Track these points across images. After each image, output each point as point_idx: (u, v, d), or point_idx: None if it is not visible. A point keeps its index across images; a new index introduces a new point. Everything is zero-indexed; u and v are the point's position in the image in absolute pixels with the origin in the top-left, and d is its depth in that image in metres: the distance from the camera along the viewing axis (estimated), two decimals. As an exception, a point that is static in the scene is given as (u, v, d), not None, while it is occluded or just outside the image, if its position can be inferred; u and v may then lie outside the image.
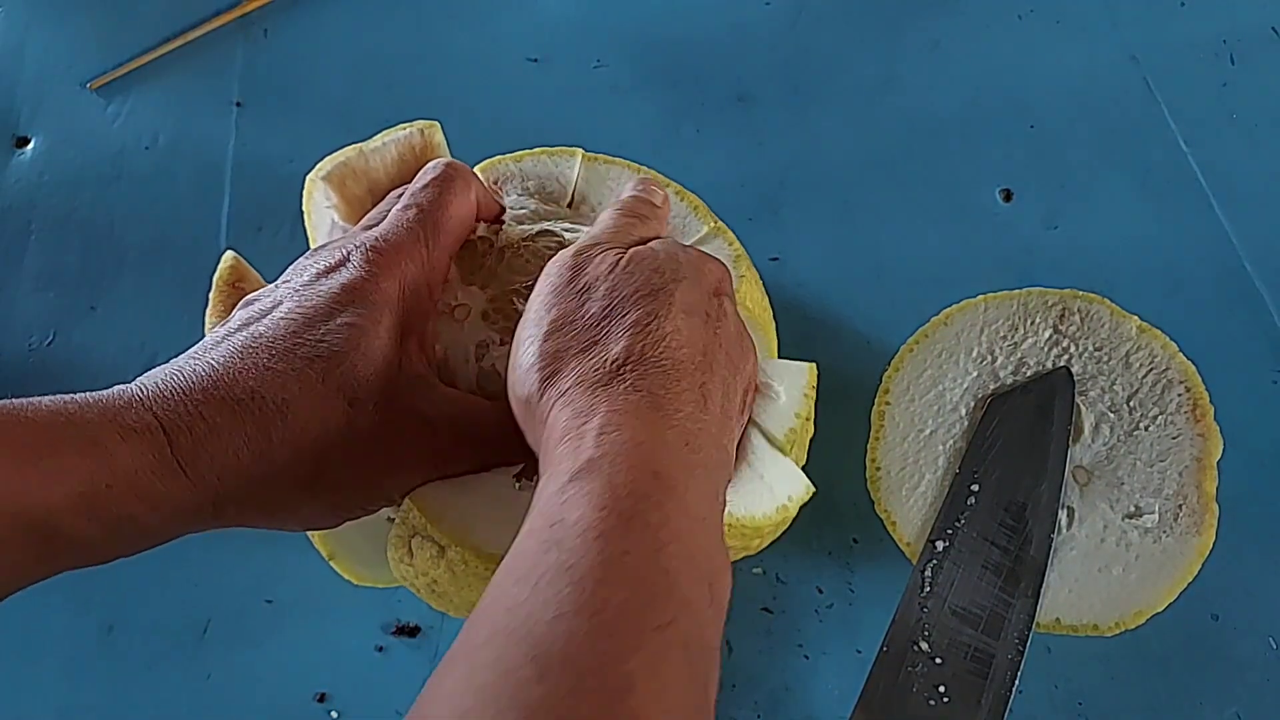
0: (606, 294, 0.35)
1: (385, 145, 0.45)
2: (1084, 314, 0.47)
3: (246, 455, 0.34)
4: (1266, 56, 0.64)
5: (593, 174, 0.46)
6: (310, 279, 0.37)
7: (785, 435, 0.40)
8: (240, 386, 0.34)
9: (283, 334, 0.35)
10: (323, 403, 0.35)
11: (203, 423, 0.33)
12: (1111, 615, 0.44)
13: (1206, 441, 0.45)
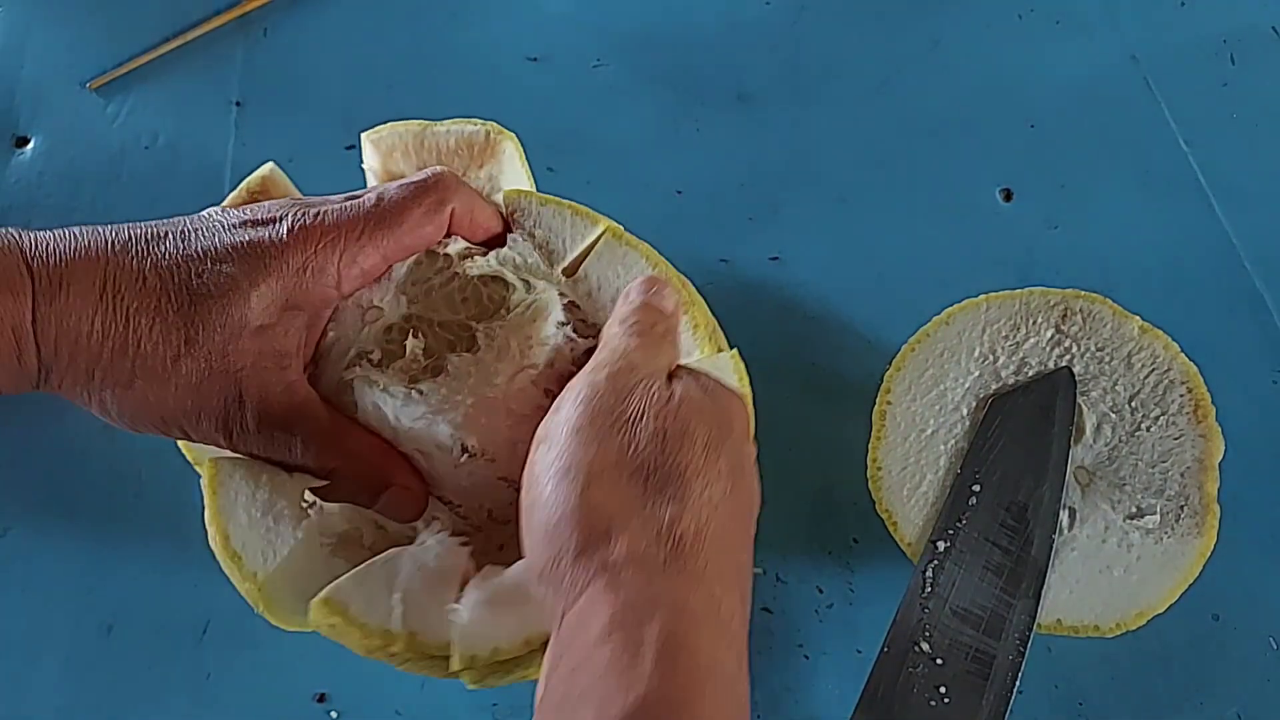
0: (659, 438, 0.33)
1: (448, 132, 0.45)
2: (1086, 314, 0.47)
3: (83, 341, 0.36)
4: (1266, 56, 0.64)
5: (608, 252, 0.42)
6: (236, 221, 0.38)
7: None
8: (109, 280, 0.36)
9: (173, 256, 0.37)
10: (163, 328, 0.36)
11: (64, 295, 0.35)
12: (1112, 616, 0.44)
13: (1208, 442, 0.45)
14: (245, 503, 0.39)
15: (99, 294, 0.36)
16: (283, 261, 0.37)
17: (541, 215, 0.42)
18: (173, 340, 0.36)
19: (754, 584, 0.50)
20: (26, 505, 0.54)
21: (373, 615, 0.36)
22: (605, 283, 0.41)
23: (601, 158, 0.62)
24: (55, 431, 0.56)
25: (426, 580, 0.37)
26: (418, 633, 0.36)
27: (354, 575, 0.37)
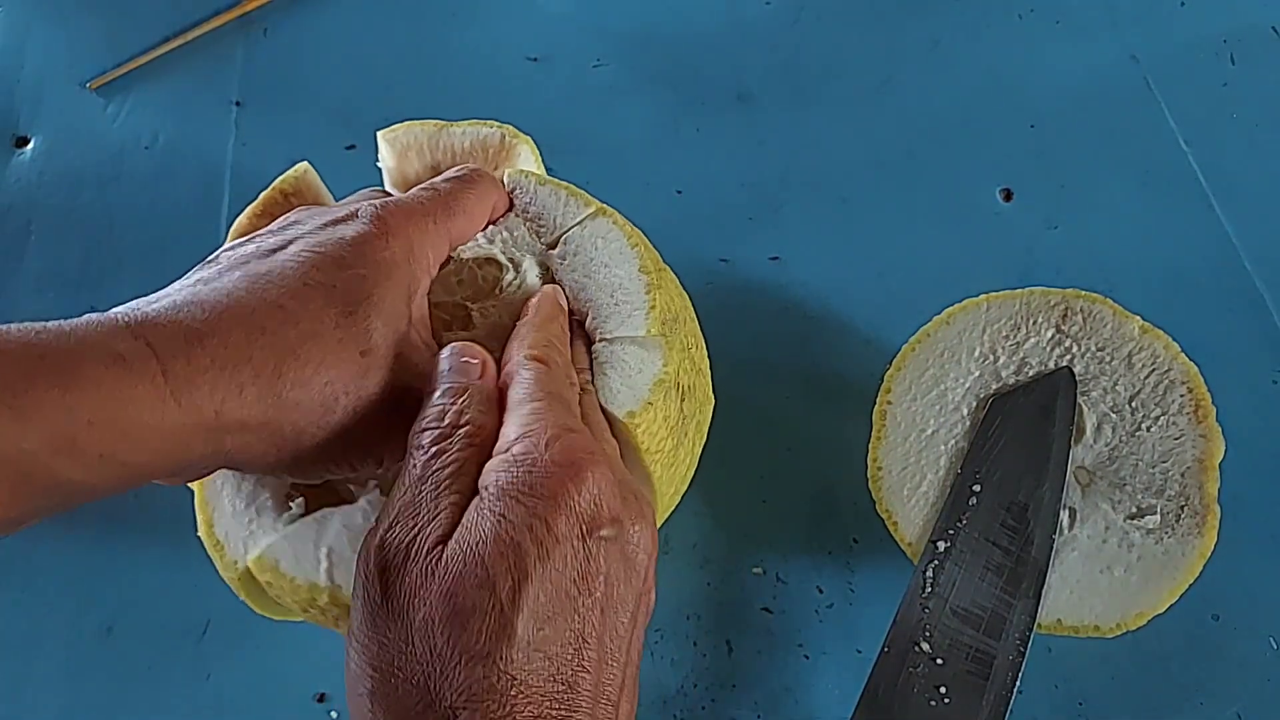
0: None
1: (463, 134, 0.45)
2: (1086, 314, 0.47)
3: (252, 391, 0.31)
4: (1266, 56, 0.64)
5: (593, 225, 0.42)
6: (318, 226, 0.35)
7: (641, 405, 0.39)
8: (250, 319, 0.31)
9: (295, 272, 0.33)
10: (338, 346, 0.33)
11: (203, 351, 0.30)
12: (1113, 616, 0.44)
13: (1208, 442, 0.45)
14: (230, 493, 0.40)
15: (243, 334, 0.31)
16: (388, 247, 0.35)
17: (538, 194, 0.43)
18: (354, 357, 0.33)
19: (754, 584, 0.50)
20: (26, 505, 0.54)
21: (301, 570, 0.37)
22: (582, 251, 0.42)
23: (601, 158, 0.62)
24: (55, 431, 0.56)
25: (352, 537, 0.38)
26: (341, 585, 0.37)
27: (287, 533, 0.38)
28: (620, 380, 0.39)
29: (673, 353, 0.39)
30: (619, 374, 0.39)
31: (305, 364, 0.32)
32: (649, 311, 0.40)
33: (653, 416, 0.38)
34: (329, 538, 0.38)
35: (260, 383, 0.31)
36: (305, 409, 0.32)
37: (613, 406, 0.38)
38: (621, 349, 0.39)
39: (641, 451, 0.38)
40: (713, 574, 0.50)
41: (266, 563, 0.38)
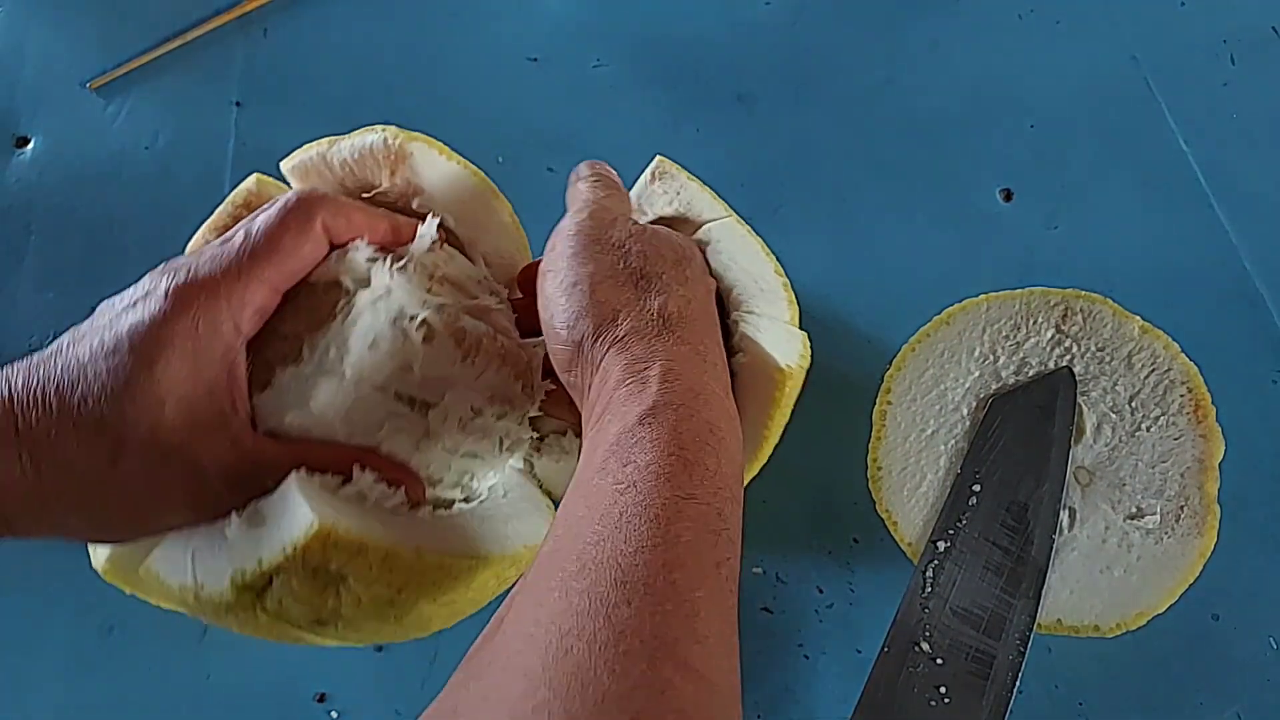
0: (641, 255, 0.40)
1: (351, 147, 0.44)
2: (1087, 314, 0.47)
3: (17, 481, 0.34)
4: (1266, 56, 0.64)
5: (732, 228, 0.46)
6: (119, 309, 0.37)
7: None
8: (19, 418, 0.35)
9: (70, 368, 0.36)
10: (89, 447, 0.35)
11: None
12: (1113, 616, 0.44)
13: (1208, 443, 0.45)
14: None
15: (12, 436, 0.34)
16: (171, 330, 0.36)
17: (687, 186, 0.47)
18: (104, 449, 0.35)
19: (754, 584, 0.50)
20: (26, 505, 0.54)
21: (174, 575, 0.38)
22: (725, 240, 0.46)
23: (601, 158, 0.62)
24: (55, 431, 0.56)
25: (212, 533, 0.38)
26: (204, 582, 0.37)
27: (163, 545, 0.39)
28: (774, 341, 0.42)
29: (805, 350, 0.43)
30: (773, 336, 0.42)
31: (59, 463, 0.35)
32: (789, 306, 0.44)
33: (795, 382, 0.42)
34: (195, 540, 0.38)
35: (23, 477, 0.34)
36: (64, 499, 0.35)
37: (775, 353, 0.41)
38: (772, 324, 0.43)
39: (775, 406, 0.41)
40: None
41: (152, 574, 0.39)
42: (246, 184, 0.44)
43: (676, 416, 0.34)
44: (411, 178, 0.44)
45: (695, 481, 0.32)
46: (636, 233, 0.41)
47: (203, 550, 0.38)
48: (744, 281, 0.44)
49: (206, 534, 0.38)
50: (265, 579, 0.36)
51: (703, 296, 0.41)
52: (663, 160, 0.48)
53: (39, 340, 0.59)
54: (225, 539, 0.37)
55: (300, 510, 0.36)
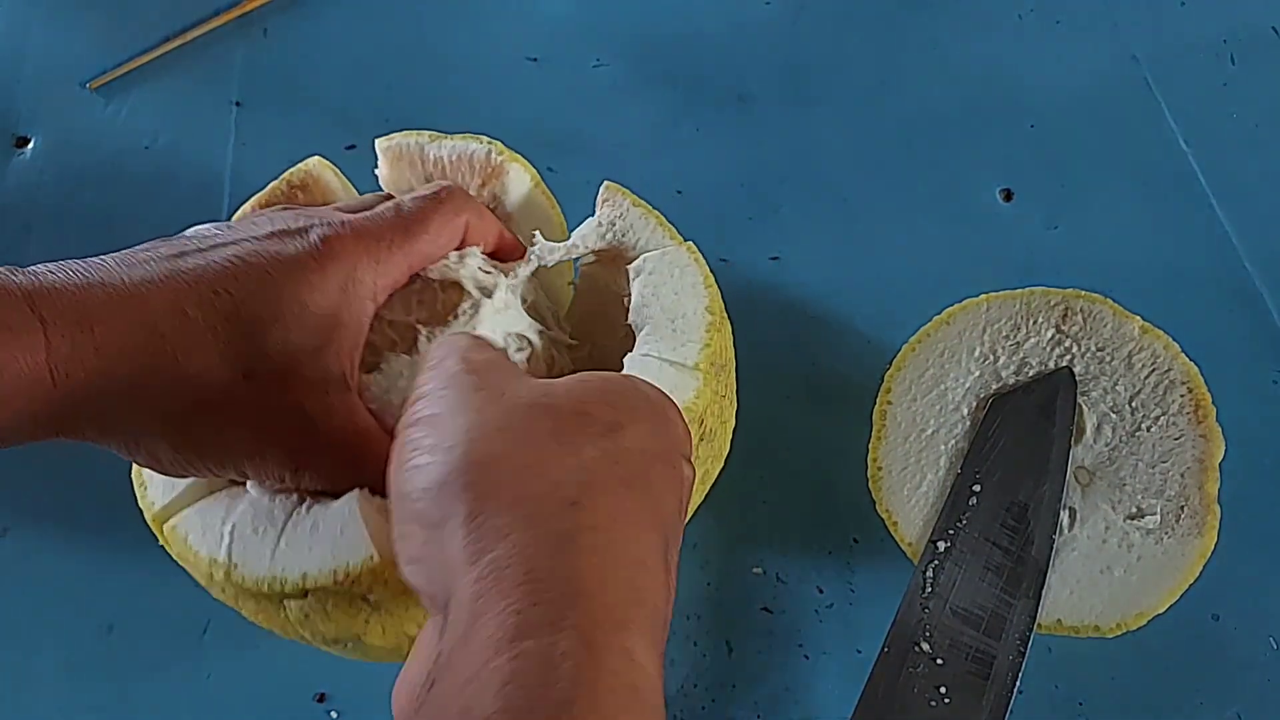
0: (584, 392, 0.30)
1: (451, 147, 0.45)
2: (1087, 314, 0.47)
3: (121, 384, 0.32)
4: (1266, 56, 0.64)
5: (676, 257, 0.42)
6: (264, 235, 0.35)
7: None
8: (145, 317, 0.32)
9: (210, 279, 0.33)
10: (218, 366, 0.33)
11: (89, 338, 0.31)
12: (1113, 616, 0.44)
13: (1208, 443, 0.45)
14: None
15: (134, 332, 0.32)
16: (324, 276, 0.34)
17: (629, 212, 0.44)
18: (228, 373, 0.33)
19: (754, 584, 0.50)
20: (26, 505, 0.54)
21: (204, 543, 0.38)
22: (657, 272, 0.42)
23: (601, 158, 0.62)
24: (55, 431, 0.56)
25: (254, 516, 0.37)
26: (238, 565, 0.37)
27: (199, 506, 0.39)
28: None
29: (707, 389, 0.40)
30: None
31: (179, 374, 0.33)
32: (702, 348, 0.40)
33: None
34: (235, 514, 0.38)
35: (132, 380, 0.32)
36: (166, 415, 0.33)
37: None
38: (660, 368, 0.39)
39: None
40: (713, 574, 0.50)
41: (176, 534, 0.39)
42: (306, 165, 0.45)
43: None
44: (500, 194, 0.45)
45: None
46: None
47: (244, 532, 0.37)
48: (658, 319, 0.41)
49: (249, 513, 0.38)
50: (303, 592, 0.36)
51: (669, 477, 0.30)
52: (609, 186, 0.44)
53: (39, 340, 0.59)
54: (271, 528, 0.37)
55: (360, 537, 0.35)
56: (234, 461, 0.35)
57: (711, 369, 0.40)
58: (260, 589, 0.36)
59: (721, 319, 0.42)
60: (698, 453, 0.40)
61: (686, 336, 0.40)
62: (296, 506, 0.37)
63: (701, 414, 0.39)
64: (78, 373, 0.31)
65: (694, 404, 0.39)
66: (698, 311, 0.41)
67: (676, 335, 0.40)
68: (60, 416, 0.32)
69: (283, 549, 0.36)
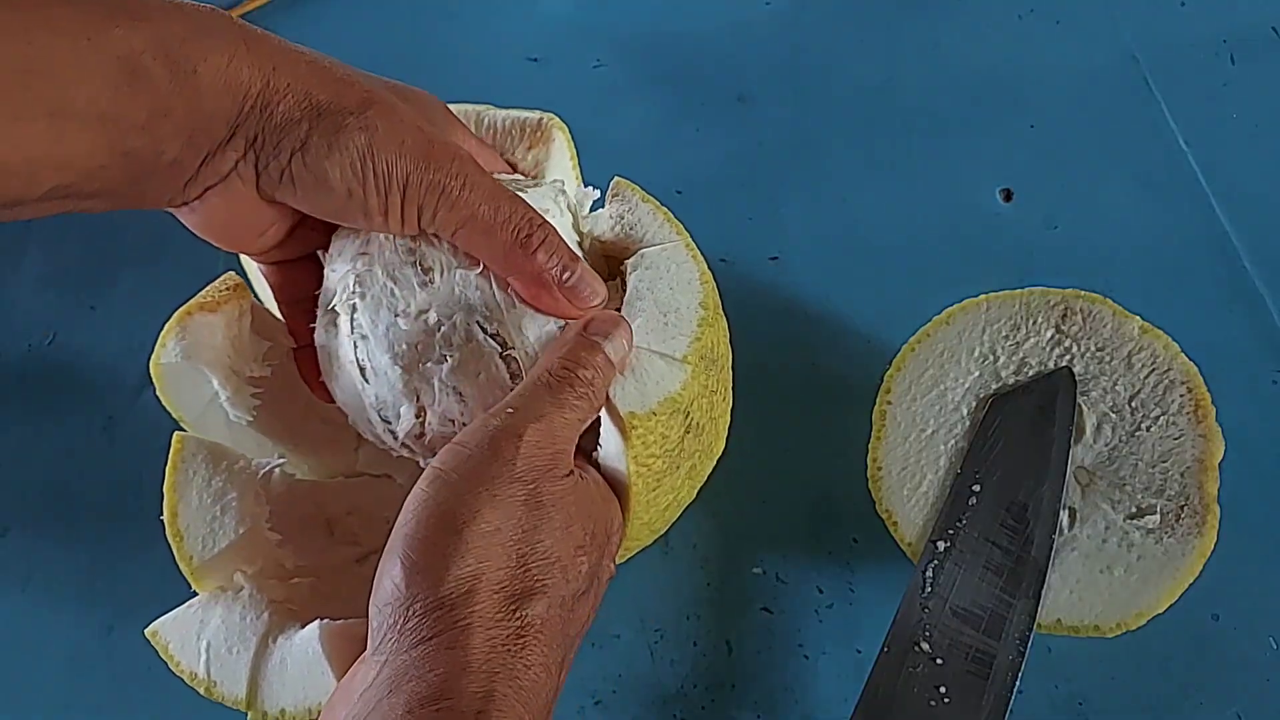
0: (537, 519, 0.34)
1: (506, 116, 0.48)
2: (1086, 314, 0.47)
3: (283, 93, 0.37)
4: (1266, 56, 0.64)
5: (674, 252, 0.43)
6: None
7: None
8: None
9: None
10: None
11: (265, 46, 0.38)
12: (1113, 616, 0.44)
13: (1208, 442, 0.45)
14: (200, 485, 0.43)
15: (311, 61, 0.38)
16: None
17: (638, 207, 0.45)
18: (392, 93, 0.38)
19: (754, 584, 0.50)
20: (26, 505, 0.54)
21: (185, 656, 0.42)
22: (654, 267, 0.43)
23: (601, 158, 0.62)
24: (55, 431, 0.56)
25: (228, 634, 0.41)
26: (217, 682, 0.41)
27: (176, 614, 0.42)
28: (635, 384, 0.39)
29: (695, 382, 0.40)
30: (636, 379, 0.39)
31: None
32: (693, 341, 0.41)
33: (652, 426, 0.38)
34: (209, 631, 0.42)
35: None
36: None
37: (617, 401, 0.38)
38: (649, 359, 0.40)
39: (629, 458, 0.38)
40: (713, 574, 0.50)
41: (159, 640, 0.42)
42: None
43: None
44: (542, 160, 0.48)
45: None
46: (557, 487, 0.35)
47: (219, 650, 0.41)
48: (650, 312, 0.41)
49: (222, 631, 0.41)
50: (280, 714, 0.40)
51: (587, 599, 0.36)
52: (619, 181, 0.46)
53: (39, 340, 0.59)
54: (244, 650, 0.41)
55: (325, 674, 0.40)
56: (401, 166, 0.36)
57: (701, 362, 0.40)
58: (241, 706, 0.40)
59: (715, 314, 0.43)
60: (683, 445, 0.40)
61: (677, 330, 0.41)
62: (267, 630, 0.41)
63: (688, 406, 0.40)
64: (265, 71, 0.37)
65: (679, 395, 0.39)
66: (691, 306, 0.41)
67: (668, 329, 0.41)
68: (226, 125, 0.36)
69: (258, 681, 0.40)
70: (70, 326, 0.59)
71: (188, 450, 0.44)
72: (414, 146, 0.36)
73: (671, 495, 0.42)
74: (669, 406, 0.39)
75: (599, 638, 0.49)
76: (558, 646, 0.33)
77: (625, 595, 0.47)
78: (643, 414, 0.38)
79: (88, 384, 0.57)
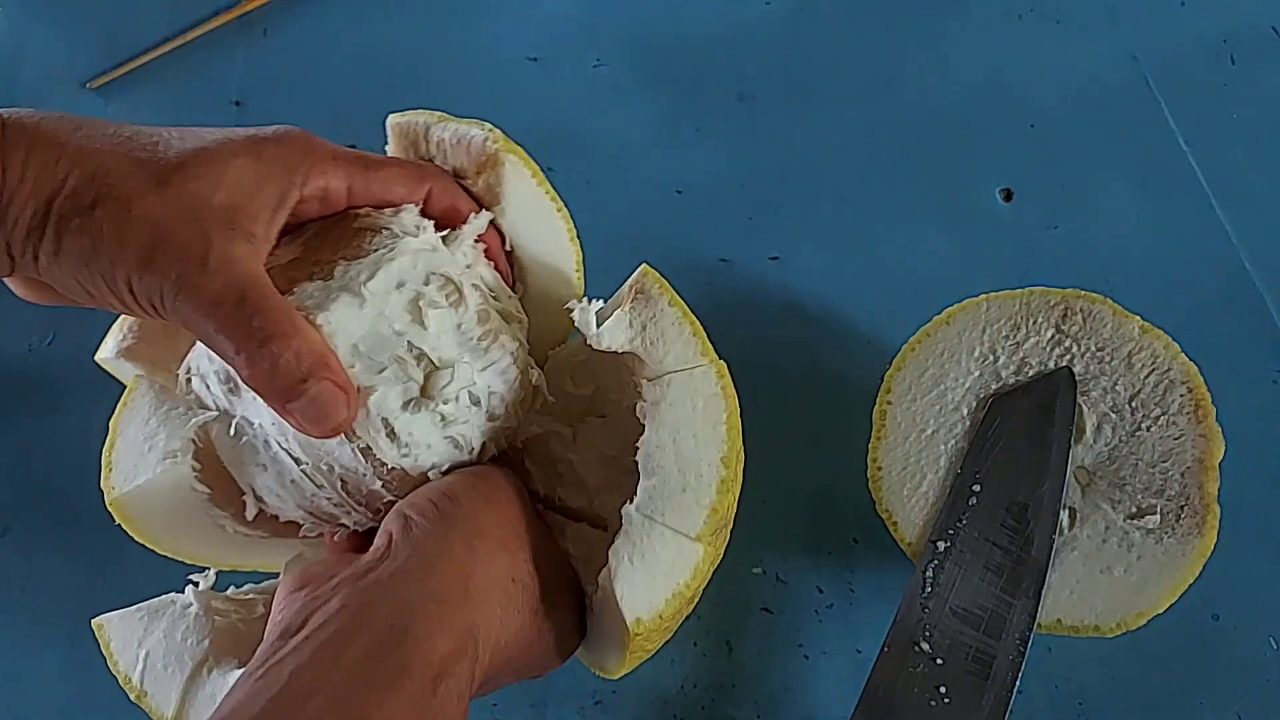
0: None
1: (454, 129, 0.44)
2: (1086, 314, 0.47)
3: (47, 176, 0.35)
4: (1266, 56, 0.64)
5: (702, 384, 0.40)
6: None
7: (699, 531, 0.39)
8: (82, 133, 0.36)
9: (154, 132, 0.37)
10: (137, 166, 0.36)
11: (28, 146, 0.35)
12: (1113, 616, 0.44)
13: (1208, 442, 0.45)
14: (139, 422, 0.44)
15: (65, 142, 0.35)
16: (262, 144, 0.38)
17: (664, 313, 0.41)
18: (145, 178, 0.35)
19: (754, 584, 0.50)
20: (26, 505, 0.54)
21: (123, 658, 0.42)
22: (678, 404, 0.40)
23: (601, 158, 0.62)
24: (55, 431, 0.56)
25: (167, 650, 0.41)
26: (148, 693, 0.41)
27: (124, 612, 0.42)
28: (643, 574, 0.38)
29: (704, 564, 0.39)
30: (644, 566, 0.38)
31: (94, 165, 0.35)
32: (709, 515, 0.39)
33: (655, 627, 0.38)
34: (150, 641, 0.42)
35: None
36: (72, 193, 0.35)
37: (623, 603, 0.37)
38: (660, 536, 0.38)
39: (626, 651, 0.38)
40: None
41: (103, 636, 0.42)
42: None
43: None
44: (495, 185, 0.43)
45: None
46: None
47: (155, 665, 0.41)
48: (668, 468, 0.39)
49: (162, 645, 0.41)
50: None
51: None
52: (648, 273, 0.42)
53: (39, 340, 0.59)
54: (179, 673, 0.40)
55: None
56: (125, 266, 0.35)
57: (713, 535, 0.39)
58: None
59: (735, 471, 0.40)
60: (683, 616, 0.40)
61: (695, 497, 0.39)
62: (204, 659, 0.41)
63: (695, 592, 0.39)
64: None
65: (688, 587, 0.38)
66: (713, 464, 0.39)
67: (686, 495, 0.39)
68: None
69: (186, 709, 0.40)
70: (70, 326, 0.59)
71: (140, 388, 0.45)
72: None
73: (677, 623, 0.41)
74: (675, 603, 0.38)
75: (599, 638, 0.49)
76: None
77: (625, 595, 0.47)
78: (649, 619, 0.37)
79: (88, 384, 0.57)
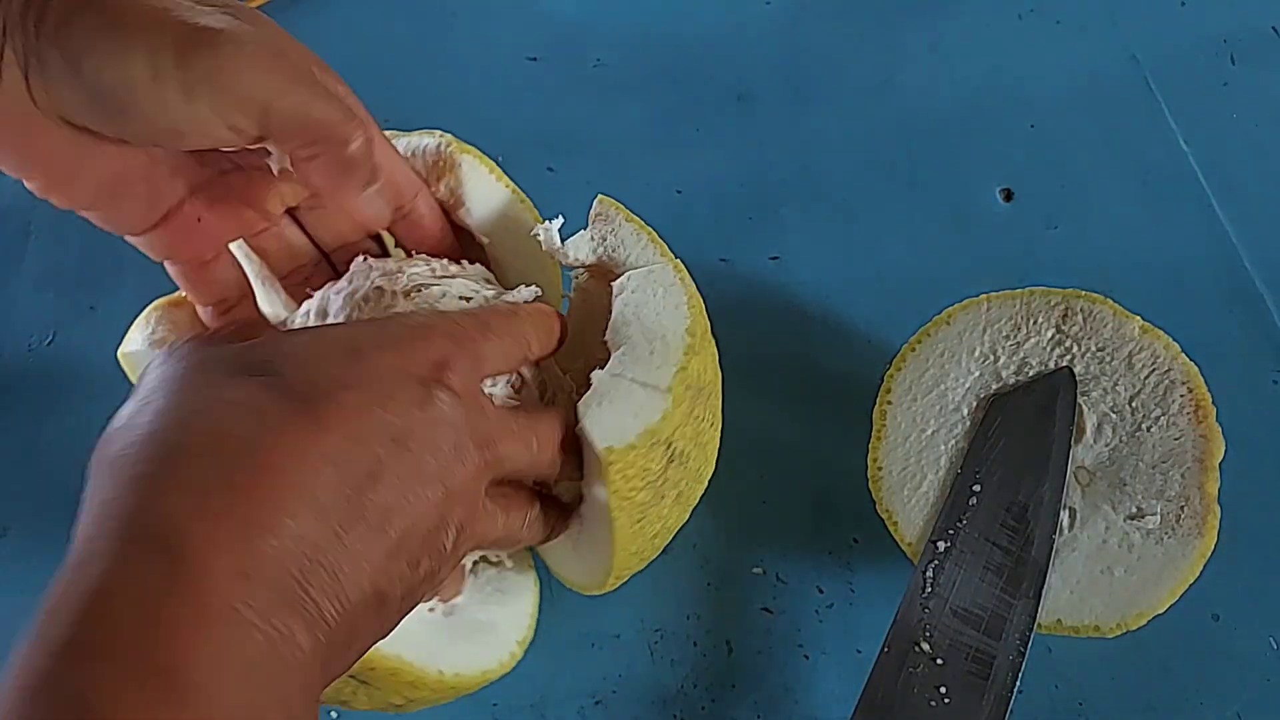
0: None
1: (406, 144, 0.45)
2: (1087, 314, 0.47)
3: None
4: (1266, 56, 0.64)
5: (661, 275, 0.42)
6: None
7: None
8: None
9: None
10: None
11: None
12: (1113, 616, 0.44)
13: (1208, 443, 0.45)
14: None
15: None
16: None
17: (621, 227, 0.44)
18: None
19: (754, 584, 0.50)
20: (26, 505, 0.54)
21: None
22: (640, 290, 0.42)
23: (601, 158, 0.62)
24: (55, 431, 0.56)
25: None
26: None
27: None
28: (614, 416, 0.38)
29: (677, 411, 0.39)
30: (615, 407, 0.38)
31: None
32: (678, 371, 0.39)
33: (631, 460, 0.38)
34: None
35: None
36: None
37: (594, 436, 0.37)
38: (630, 390, 0.39)
39: (610, 492, 0.38)
40: (713, 574, 0.50)
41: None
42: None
43: None
44: (456, 188, 0.44)
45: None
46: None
47: None
48: (636, 339, 0.40)
49: None
50: None
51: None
52: (602, 200, 0.44)
53: (39, 340, 0.59)
54: None
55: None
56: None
57: (686, 392, 0.39)
58: None
59: (703, 341, 0.42)
60: (667, 475, 0.40)
61: (663, 358, 0.40)
62: None
63: (670, 436, 0.39)
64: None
65: (660, 426, 0.38)
66: (677, 334, 0.40)
67: (653, 358, 0.40)
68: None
69: None
70: (70, 326, 0.59)
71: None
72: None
73: (659, 524, 0.41)
74: (649, 439, 0.38)
75: (599, 638, 0.49)
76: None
77: (625, 595, 0.47)
78: (620, 448, 0.37)
79: (88, 384, 0.57)
